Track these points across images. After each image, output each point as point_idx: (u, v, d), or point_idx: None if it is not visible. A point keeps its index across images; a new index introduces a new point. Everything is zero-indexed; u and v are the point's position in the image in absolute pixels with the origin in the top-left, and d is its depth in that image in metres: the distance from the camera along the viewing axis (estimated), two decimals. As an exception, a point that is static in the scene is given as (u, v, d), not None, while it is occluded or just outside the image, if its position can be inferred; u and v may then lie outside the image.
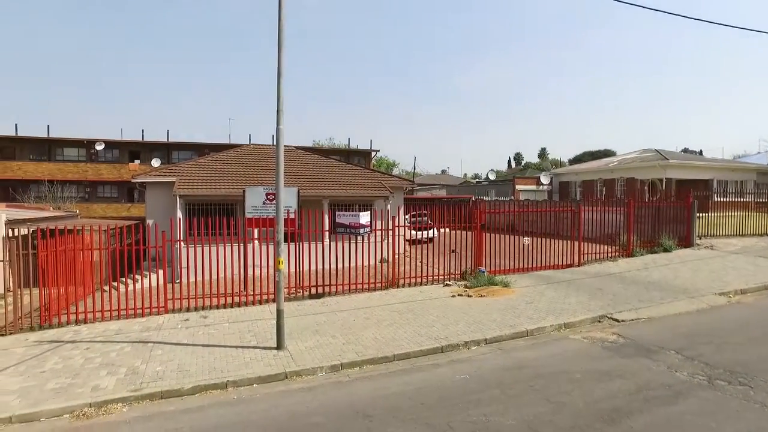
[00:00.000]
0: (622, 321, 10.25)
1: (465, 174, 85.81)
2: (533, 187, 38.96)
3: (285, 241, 9.33)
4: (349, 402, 6.99)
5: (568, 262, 16.11)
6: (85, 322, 11.67)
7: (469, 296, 12.72)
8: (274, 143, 9.18)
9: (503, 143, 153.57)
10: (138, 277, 15.08)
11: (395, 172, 63.46)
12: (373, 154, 47.56)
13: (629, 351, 8.47)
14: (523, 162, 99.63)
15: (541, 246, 15.78)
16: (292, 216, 12.75)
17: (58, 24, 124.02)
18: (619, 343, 8.92)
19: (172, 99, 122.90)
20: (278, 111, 8.70)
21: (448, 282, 14.41)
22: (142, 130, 72.55)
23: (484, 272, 14.27)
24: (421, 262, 15.91)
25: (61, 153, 39.85)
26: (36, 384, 7.95)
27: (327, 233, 14.91)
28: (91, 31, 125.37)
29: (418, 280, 14.46)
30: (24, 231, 13.03)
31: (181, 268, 12.89)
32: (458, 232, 15.08)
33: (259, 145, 25.83)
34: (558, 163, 74.83)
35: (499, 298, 12.37)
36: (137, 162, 40.29)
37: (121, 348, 9.56)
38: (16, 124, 60.73)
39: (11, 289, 12.37)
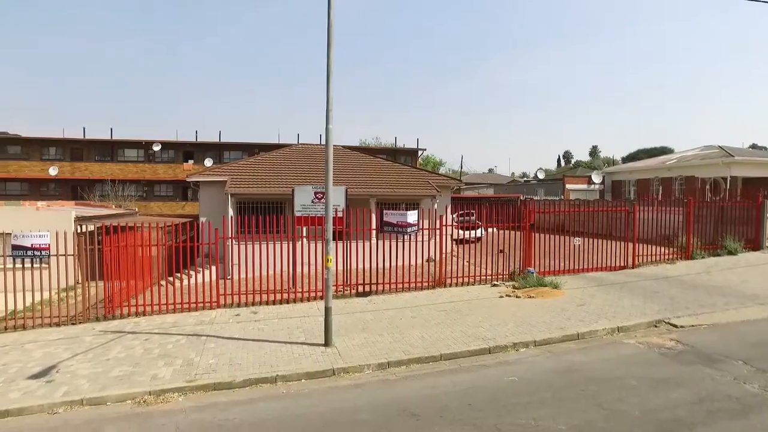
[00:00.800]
0: (681, 327, 9.76)
1: (513, 173, 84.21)
2: (584, 186, 37.77)
3: (333, 240, 9.44)
4: (395, 400, 7.00)
5: (622, 264, 15.51)
6: (144, 314, 12.24)
7: (517, 297, 12.48)
8: (322, 142, 9.30)
9: (552, 141, 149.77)
10: (192, 272, 15.68)
11: (442, 170, 63.04)
12: (419, 152, 47.43)
13: (689, 358, 8.05)
14: (573, 160, 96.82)
15: (592, 247, 15.27)
16: (340, 215, 12.91)
17: (122, 34, 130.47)
18: (678, 350, 8.50)
19: (224, 100, 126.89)
20: (327, 111, 8.81)
21: (495, 282, 14.20)
22: (196, 131, 75.21)
23: (533, 273, 13.96)
24: (468, 261, 15.73)
25: (122, 154, 41.96)
26: (102, 371, 8.43)
27: (374, 232, 14.99)
28: (149, 39, 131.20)
29: (465, 279, 14.31)
30: (90, 227, 13.83)
31: (232, 264, 13.29)
32: (506, 231, 14.82)
33: (307, 144, 26.28)
34: (610, 162, 72.20)
35: (549, 299, 12.07)
36: (191, 162, 41.85)
37: (176, 340, 9.97)
38: (84, 128, 64.32)
39: (80, 281, 13.13)
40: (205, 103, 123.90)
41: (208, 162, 39.90)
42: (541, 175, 47.82)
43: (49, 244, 11.85)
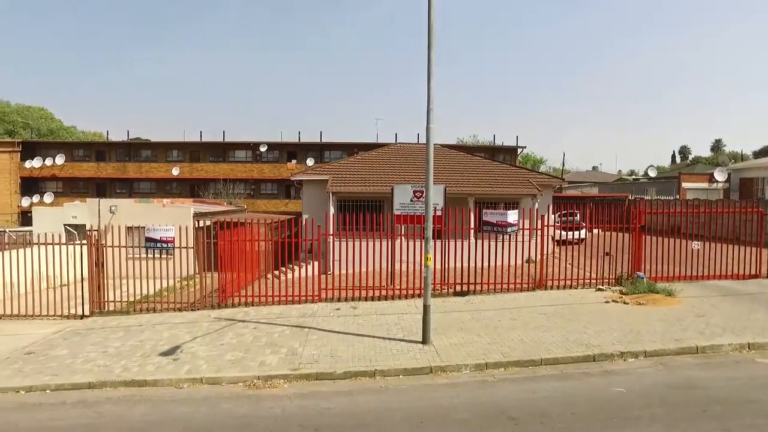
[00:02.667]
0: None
1: (619, 171, 78.65)
2: (704, 185, 34.39)
3: (431, 238, 9.48)
4: (493, 402, 6.91)
5: (752, 272, 13.90)
6: (252, 304, 13.14)
7: (625, 303, 11.70)
8: (419, 142, 9.36)
9: (666, 136, 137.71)
10: (295, 267, 16.56)
11: (542, 169, 60.60)
12: (518, 150, 45.96)
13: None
14: (691, 156, 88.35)
15: (714, 252, 13.84)
16: (438, 213, 12.92)
17: (228, 43, 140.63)
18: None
19: (325, 100, 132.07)
20: (428, 110, 8.85)
21: (601, 287, 13.41)
22: (299, 132, 79.47)
23: (643, 278, 13.00)
24: (570, 264, 14.99)
25: (233, 155, 45.21)
26: (218, 354, 9.21)
27: (472, 231, 14.83)
28: (252, 45, 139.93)
29: (568, 282, 13.68)
30: (207, 223, 15.13)
31: (333, 260, 13.82)
32: (612, 233, 13.93)
33: (405, 143, 26.57)
34: (737, 157, 64.93)
35: (662, 307, 11.17)
36: (294, 161, 44.03)
37: (281, 330, 10.60)
38: (201, 132, 70.50)
39: (197, 272, 14.42)
40: (308, 105, 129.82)
41: (310, 161, 41.75)
42: (652, 173, 44.34)
43: (173, 238, 13.14)
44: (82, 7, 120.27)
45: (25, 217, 38.39)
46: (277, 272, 16.63)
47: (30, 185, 42.87)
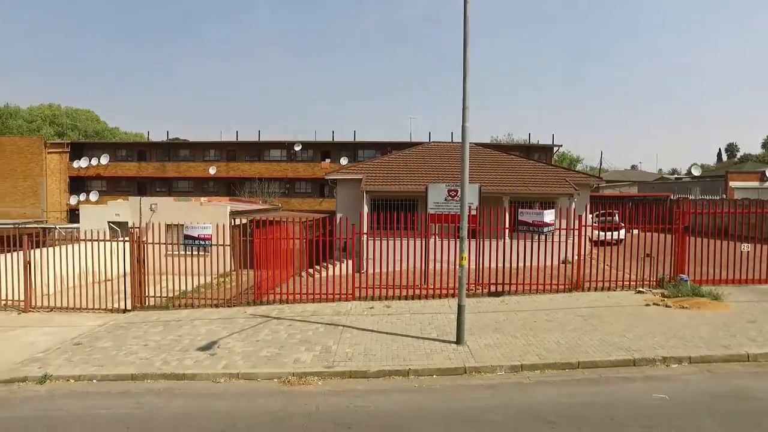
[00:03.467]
0: None
1: (660, 169, 76.15)
2: (755, 184, 32.90)
3: (466, 238, 9.38)
4: (529, 404, 6.78)
5: (812, 278, 13.16)
6: (287, 301, 13.31)
7: (667, 306, 11.30)
8: (453, 140, 9.26)
9: (712, 133, 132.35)
10: (328, 265, 16.68)
11: (578, 168, 59.22)
12: (554, 149, 45.00)
13: None
14: (739, 154, 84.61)
15: (767, 254, 13.18)
16: (473, 213, 12.79)
17: (262, 43, 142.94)
18: None
19: (358, 99, 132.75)
20: (464, 108, 8.76)
21: (640, 289, 13.00)
22: (333, 132, 79.93)
23: (686, 281, 12.52)
24: (609, 265, 14.59)
25: (268, 154, 45.89)
26: (253, 350, 9.37)
27: (507, 231, 14.62)
28: (288, 46, 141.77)
29: (606, 284, 13.32)
30: (242, 221, 15.42)
31: (367, 259, 13.86)
32: (652, 234, 13.48)
33: (438, 142, 26.44)
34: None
35: (707, 312, 10.74)
36: (328, 160, 44.37)
37: (315, 328, 10.69)
38: (237, 131, 71.92)
39: (233, 269, 14.71)
40: (341, 103, 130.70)
41: (344, 160, 42.00)
42: (696, 172, 42.71)
43: (211, 235, 13.44)
44: (120, 12, 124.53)
45: (73, 215, 40.07)
46: (311, 270, 16.80)
47: (77, 184, 44.65)
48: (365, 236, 14.85)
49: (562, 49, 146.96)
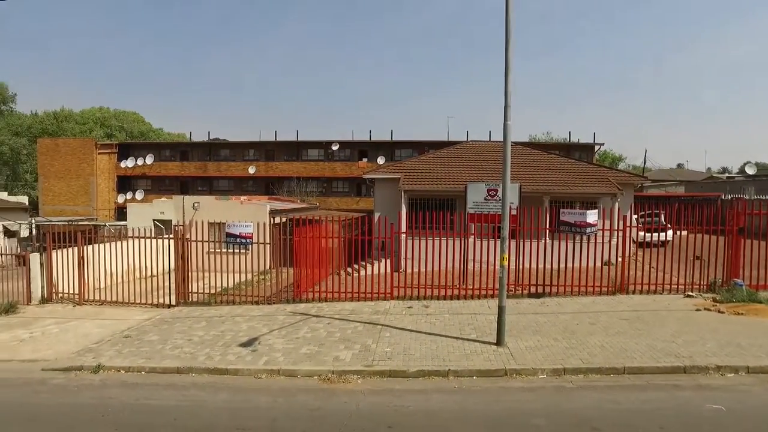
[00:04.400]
0: None
1: (708, 168, 72.97)
2: (814, 184, 31.08)
3: (507, 238, 9.23)
4: (573, 410, 6.62)
5: None
6: (325, 300, 13.44)
7: (720, 312, 10.81)
8: (490, 139, 9.11)
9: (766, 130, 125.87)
10: (366, 264, 16.76)
11: (621, 167, 57.45)
12: (596, 147, 43.83)
13: None
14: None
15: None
16: (513, 213, 12.59)
17: (309, 43, 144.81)
18: None
19: (395, 99, 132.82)
20: (506, 106, 8.62)
21: (690, 293, 12.49)
22: (370, 131, 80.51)
23: (741, 285, 11.95)
24: (655, 267, 14.09)
25: (305, 154, 46.52)
26: (293, 347, 9.49)
27: (547, 231, 14.34)
28: (325, 44, 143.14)
29: (651, 287, 12.86)
30: (281, 219, 15.65)
31: (406, 258, 13.85)
32: (702, 235, 12.92)
33: (476, 141, 26.18)
34: None
35: (766, 319, 10.21)
36: (365, 160, 44.60)
37: (354, 327, 10.75)
38: (275, 131, 73.16)
39: (272, 267, 14.96)
40: (378, 103, 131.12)
41: (381, 160, 42.12)
42: (750, 170, 40.72)
43: (252, 233, 13.71)
44: (156, 17, 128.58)
45: (120, 212, 41.76)
46: (349, 269, 16.93)
47: (124, 183, 46.46)
48: (403, 235, 14.82)
49: (602, 43, 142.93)
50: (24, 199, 38.68)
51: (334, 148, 44.52)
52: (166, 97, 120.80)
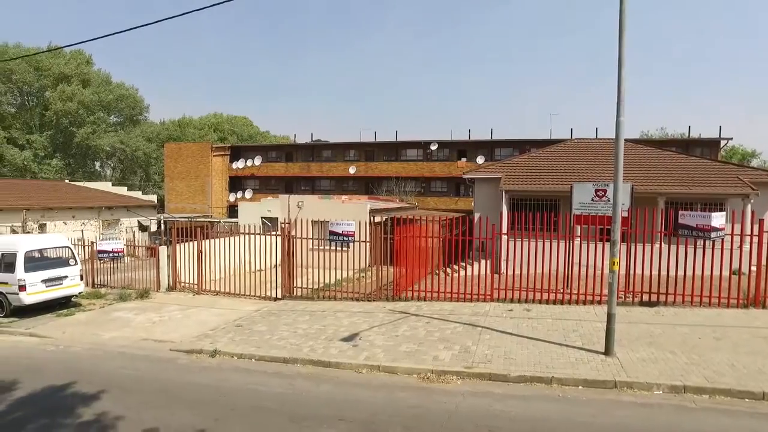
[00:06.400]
0: None
1: None
2: None
3: (618, 241, 8.64)
4: (697, 432, 6.03)
5: None
6: (424, 299, 13.47)
7: None
8: (596, 136, 8.54)
9: None
10: (465, 265, 16.55)
11: (754, 163, 51.22)
12: (723, 143, 39.39)
13: None
14: None
15: None
16: (624, 214, 11.75)
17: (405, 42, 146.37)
18: None
19: (494, 98, 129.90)
20: (618, 102, 8.07)
21: (842, 309, 10.85)
22: (469, 131, 79.49)
23: None
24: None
25: (404, 154, 47.00)
26: (393, 344, 9.64)
27: (662, 234, 13.21)
28: (423, 45, 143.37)
29: (793, 301, 11.35)
30: (382, 219, 15.95)
31: (507, 260, 13.49)
32: None
33: (582, 139, 24.83)
34: None
35: None
36: (464, 159, 44.06)
37: (454, 327, 10.66)
38: (375, 132, 74.91)
39: (372, 264, 15.31)
40: (478, 102, 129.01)
41: (480, 159, 41.38)
42: None
43: (354, 232, 14.12)
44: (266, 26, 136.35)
45: (232, 210, 45.20)
46: (447, 269, 16.83)
47: (235, 183, 50.14)
48: (504, 236, 14.44)
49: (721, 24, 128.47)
50: (153, 198, 43.14)
51: (433, 147, 44.50)
52: (272, 101, 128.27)
